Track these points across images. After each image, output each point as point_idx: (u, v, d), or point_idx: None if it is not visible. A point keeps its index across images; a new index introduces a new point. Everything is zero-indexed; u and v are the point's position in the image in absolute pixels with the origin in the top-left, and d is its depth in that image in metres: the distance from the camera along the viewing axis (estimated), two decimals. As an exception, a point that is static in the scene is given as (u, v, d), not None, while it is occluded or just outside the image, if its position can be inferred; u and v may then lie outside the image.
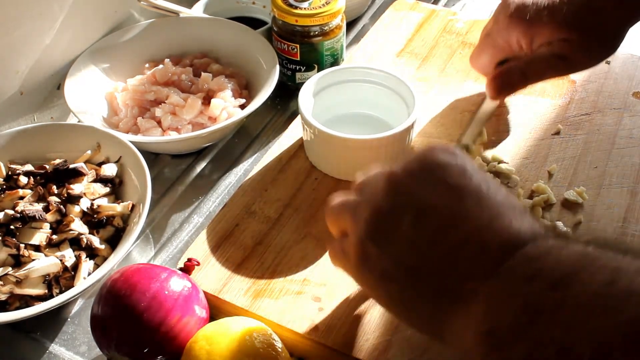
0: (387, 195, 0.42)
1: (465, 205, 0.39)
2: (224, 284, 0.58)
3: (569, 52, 0.62)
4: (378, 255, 0.41)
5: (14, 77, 0.71)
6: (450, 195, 0.40)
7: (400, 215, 0.41)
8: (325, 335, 0.54)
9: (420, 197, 0.40)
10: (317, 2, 0.74)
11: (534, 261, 0.35)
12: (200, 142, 0.73)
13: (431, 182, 0.41)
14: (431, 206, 0.40)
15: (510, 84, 0.66)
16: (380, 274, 0.42)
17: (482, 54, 0.69)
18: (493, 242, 0.38)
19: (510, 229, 0.38)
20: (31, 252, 0.57)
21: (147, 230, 0.67)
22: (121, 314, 0.51)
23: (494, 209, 0.39)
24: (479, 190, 0.40)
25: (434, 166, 0.41)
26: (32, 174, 0.63)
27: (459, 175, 0.40)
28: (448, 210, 0.39)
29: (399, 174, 0.42)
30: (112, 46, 0.78)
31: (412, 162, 0.43)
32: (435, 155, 0.42)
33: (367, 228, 0.42)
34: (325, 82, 0.70)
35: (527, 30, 0.63)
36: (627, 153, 0.68)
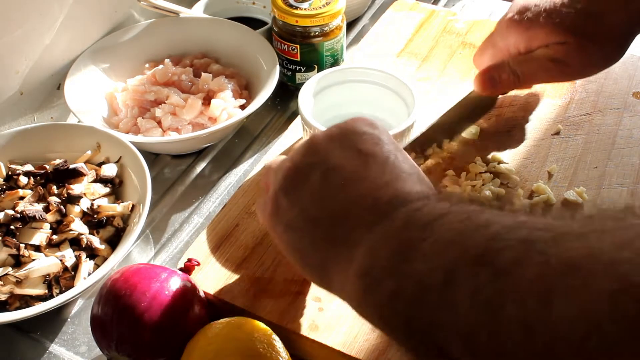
0: (305, 153, 0.46)
1: (369, 167, 0.43)
2: (224, 284, 0.58)
3: (564, 56, 0.61)
4: (287, 206, 0.45)
5: (14, 77, 0.71)
6: (359, 158, 0.43)
7: (311, 171, 0.44)
8: (325, 335, 0.54)
9: (331, 157, 0.44)
10: (317, 2, 0.74)
11: (413, 212, 0.38)
12: (201, 143, 0.73)
13: (345, 145, 0.44)
14: (339, 165, 0.44)
15: (498, 81, 0.66)
16: (287, 223, 0.45)
17: (483, 54, 0.69)
18: (384, 197, 0.41)
19: (403, 189, 0.41)
20: (31, 252, 0.57)
21: (147, 231, 0.67)
22: (121, 314, 0.51)
23: (395, 172, 0.43)
24: (386, 157, 0.43)
25: (351, 132, 0.45)
26: (32, 174, 0.63)
27: (371, 144, 0.44)
28: (353, 169, 0.43)
29: (319, 137, 0.46)
30: (112, 46, 0.78)
31: (334, 128, 0.46)
32: (356, 124, 0.46)
33: (282, 181, 0.46)
34: (325, 83, 0.70)
35: (524, 33, 0.63)
36: (627, 153, 0.68)
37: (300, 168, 0.45)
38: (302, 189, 0.44)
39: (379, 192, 0.42)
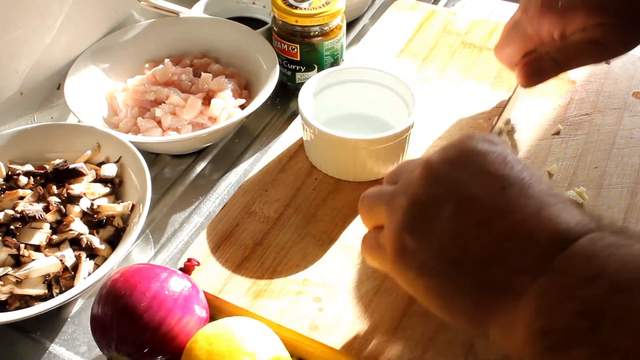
0: (426, 184, 0.40)
1: (508, 195, 0.38)
2: (224, 284, 0.58)
3: (604, 37, 0.60)
4: (417, 247, 0.40)
5: (14, 77, 0.71)
6: (492, 184, 0.38)
7: (440, 205, 0.39)
8: (325, 335, 0.54)
9: (460, 186, 0.39)
10: (317, 2, 0.74)
11: (593, 259, 0.34)
12: (200, 142, 0.73)
13: (471, 170, 0.39)
14: (473, 196, 0.39)
15: (541, 71, 0.64)
16: (420, 267, 0.40)
17: (510, 44, 0.67)
18: (541, 234, 0.36)
19: (558, 220, 0.36)
20: (31, 252, 0.57)
21: (147, 230, 0.67)
22: (121, 314, 0.51)
23: (539, 198, 0.38)
24: (521, 179, 0.38)
25: (474, 154, 0.40)
26: (32, 174, 0.63)
27: (499, 164, 0.39)
28: (491, 200, 0.38)
29: (437, 162, 0.41)
30: (112, 46, 0.78)
31: (450, 150, 0.41)
32: (474, 143, 0.40)
33: (405, 219, 0.40)
34: (325, 82, 0.70)
35: (559, 19, 0.61)
36: (627, 153, 0.68)
37: (424, 202, 0.40)
38: (433, 227, 0.39)
39: (530, 225, 0.37)
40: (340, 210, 0.64)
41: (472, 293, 0.38)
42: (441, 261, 0.39)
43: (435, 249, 0.39)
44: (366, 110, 0.72)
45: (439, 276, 0.39)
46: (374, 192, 0.46)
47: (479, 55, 0.81)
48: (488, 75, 0.78)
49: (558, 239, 0.36)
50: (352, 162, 0.65)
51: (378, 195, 0.45)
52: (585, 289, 0.33)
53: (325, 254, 0.60)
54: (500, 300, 0.37)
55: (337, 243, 0.61)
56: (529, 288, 0.35)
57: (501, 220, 0.38)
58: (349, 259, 0.60)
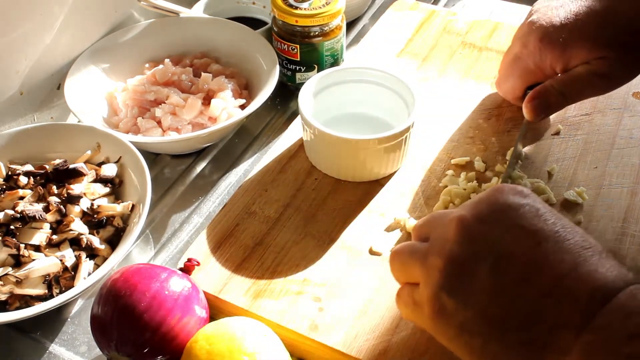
0: (461, 243, 0.40)
1: (544, 250, 0.38)
2: (224, 284, 0.58)
3: (607, 70, 0.61)
4: (456, 307, 0.40)
5: (14, 77, 0.71)
6: (527, 239, 0.39)
7: (476, 263, 0.39)
8: (325, 335, 0.54)
9: (495, 244, 0.39)
10: (317, 2, 0.74)
11: (634, 317, 0.34)
12: (200, 142, 0.73)
13: (505, 226, 0.40)
14: (509, 253, 0.39)
15: (548, 105, 0.64)
16: (460, 326, 0.40)
17: (511, 78, 0.67)
18: (581, 291, 0.37)
19: (597, 275, 0.37)
20: (31, 252, 0.57)
21: (147, 230, 0.67)
22: (121, 314, 0.51)
23: (575, 252, 0.38)
24: (555, 232, 0.39)
25: (506, 208, 0.40)
26: (32, 174, 0.63)
27: (532, 217, 0.39)
28: (527, 257, 0.38)
29: (469, 219, 0.41)
30: (112, 46, 0.78)
31: (481, 205, 0.41)
32: (505, 196, 0.41)
33: (442, 279, 0.40)
34: (325, 83, 0.70)
35: (562, 53, 0.62)
36: (627, 153, 0.68)
37: (461, 261, 0.40)
38: (471, 286, 0.39)
39: (568, 282, 0.37)
40: (340, 210, 0.64)
41: (515, 353, 0.38)
42: (481, 321, 0.39)
43: (474, 308, 0.39)
44: (366, 110, 0.72)
45: (481, 336, 0.39)
46: (405, 250, 0.45)
47: (479, 55, 0.81)
48: (488, 75, 0.78)
49: (598, 295, 0.36)
50: (352, 162, 0.65)
51: (410, 253, 0.45)
52: (627, 347, 0.33)
53: (325, 254, 0.60)
54: (545, 358, 0.37)
55: (337, 243, 0.61)
56: (573, 345, 0.36)
57: (539, 277, 0.38)
58: (349, 259, 0.60)
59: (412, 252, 0.44)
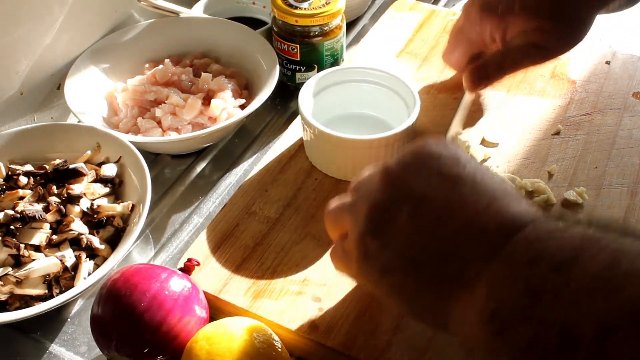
0: (383, 189, 0.42)
1: (460, 193, 0.40)
2: (224, 284, 0.58)
3: (543, 40, 0.63)
4: (378, 249, 0.42)
5: (14, 77, 0.71)
6: (445, 184, 0.41)
7: (397, 207, 0.41)
8: (325, 335, 0.54)
9: (415, 189, 0.41)
10: (317, 2, 0.74)
11: (535, 243, 0.36)
12: (200, 142, 0.73)
13: (426, 173, 0.42)
14: (427, 196, 0.41)
15: (487, 76, 0.67)
16: (382, 268, 0.42)
17: (455, 49, 0.70)
18: (491, 226, 0.38)
19: (508, 212, 0.39)
20: (31, 252, 0.57)
21: (147, 231, 0.67)
22: (121, 314, 0.51)
23: (490, 194, 0.40)
24: (473, 177, 0.41)
25: (427, 157, 0.42)
26: (32, 174, 0.63)
27: (452, 165, 0.41)
28: (444, 199, 0.40)
29: (393, 168, 0.43)
30: (112, 46, 0.78)
31: (405, 155, 0.43)
32: (428, 147, 0.43)
33: (366, 224, 0.42)
34: (325, 82, 0.70)
35: (499, 23, 0.64)
36: (627, 153, 0.68)
37: (383, 206, 0.42)
38: (392, 229, 0.41)
39: (481, 219, 0.39)
40: (340, 210, 0.64)
41: (429, 288, 0.40)
42: (400, 260, 0.41)
43: (394, 249, 0.41)
44: (366, 110, 0.72)
45: (399, 275, 0.41)
46: (337, 204, 0.48)
47: (479, 55, 0.81)
48: (488, 75, 0.78)
49: (506, 229, 0.38)
50: (352, 162, 0.65)
51: (341, 206, 0.47)
52: (527, 270, 0.35)
53: (325, 254, 0.60)
54: (456, 293, 0.39)
55: (337, 243, 0.61)
56: (481, 276, 0.37)
57: (453, 216, 0.40)
58: (349, 259, 0.60)
59: (342, 205, 0.47)
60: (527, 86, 0.76)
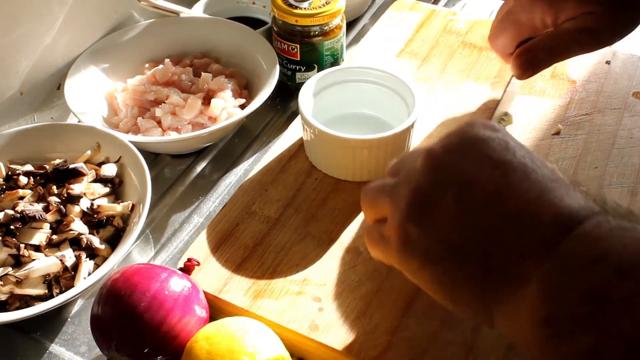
0: (427, 172, 0.40)
1: (510, 180, 0.37)
2: (224, 284, 0.58)
3: (595, 25, 0.60)
4: (420, 235, 0.39)
5: (14, 77, 0.71)
6: (495, 169, 0.38)
7: (441, 191, 0.39)
8: (325, 335, 0.54)
9: (462, 172, 0.39)
10: (317, 2, 0.74)
11: (596, 242, 0.33)
12: (200, 142, 0.73)
13: (473, 156, 0.39)
14: (475, 180, 0.38)
15: (536, 61, 0.63)
16: (424, 255, 0.39)
17: (504, 33, 0.66)
18: (545, 218, 0.36)
19: (562, 204, 0.36)
20: (31, 252, 0.57)
21: (147, 230, 0.67)
22: (121, 314, 0.51)
23: (542, 182, 0.37)
24: (523, 164, 0.38)
25: (475, 140, 0.39)
26: (32, 174, 0.63)
27: (502, 150, 0.39)
28: (492, 185, 0.37)
29: (438, 150, 0.40)
30: (112, 46, 0.78)
31: (451, 138, 0.41)
32: (476, 130, 0.40)
33: (408, 208, 0.40)
34: (325, 82, 0.70)
35: (551, 7, 0.61)
36: (627, 153, 0.68)
37: (426, 190, 0.39)
38: (435, 215, 0.39)
39: (533, 209, 0.36)
40: (340, 210, 0.64)
41: (475, 280, 0.38)
42: (443, 248, 0.38)
43: (437, 236, 0.39)
44: (366, 110, 0.72)
45: (442, 263, 0.39)
46: (376, 185, 0.45)
47: (479, 55, 0.81)
48: (488, 75, 0.78)
49: (562, 223, 0.35)
50: (352, 162, 0.65)
51: (380, 188, 0.44)
52: (589, 272, 0.32)
53: (325, 254, 0.60)
54: (504, 287, 0.36)
55: (337, 243, 0.61)
56: (533, 274, 0.35)
57: (503, 204, 0.37)
58: (349, 259, 0.60)
59: (382, 187, 0.44)
60: (527, 86, 0.76)
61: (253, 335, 0.50)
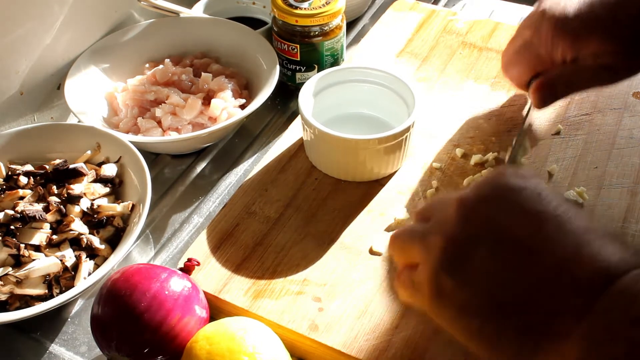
0: (461, 222, 0.40)
1: (546, 233, 0.38)
2: (224, 284, 0.58)
3: (615, 63, 0.61)
4: (455, 287, 0.39)
5: (14, 77, 0.71)
6: (529, 221, 0.38)
7: (475, 244, 0.39)
8: (325, 335, 0.54)
9: (495, 224, 0.39)
10: (317, 2, 0.74)
11: (636, 299, 0.33)
12: (201, 142, 0.73)
13: (506, 207, 0.39)
14: (508, 234, 0.38)
15: (556, 94, 0.64)
16: (459, 308, 0.40)
17: (520, 64, 0.66)
18: (582, 274, 0.36)
19: (599, 258, 0.36)
20: (31, 252, 0.57)
21: (147, 230, 0.67)
22: (121, 314, 0.51)
23: (578, 236, 0.37)
24: (558, 215, 0.38)
25: (508, 190, 0.40)
26: (32, 174, 0.63)
27: (535, 200, 0.39)
28: (527, 240, 0.38)
29: (471, 199, 0.40)
30: (112, 46, 0.78)
31: (483, 186, 0.41)
32: (507, 179, 0.40)
33: (441, 258, 0.40)
34: (325, 82, 0.70)
35: (574, 43, 0.61)
36: (627, 153, 0.68)
37: (460, 241, 0.40)
38: (470, 267, 0.39)
39: (570, 265, 0.36)
40: (340, 210, 0.64)
41: (512, 335, 0.37)
42: (479, 302, 0.38)
43: (473, 289, 0.39)
44: (366, 110, 0.72)
45: (478, 318, 0.39)
46: (406, 231, 0.45)
47: (479, 55, 0.81)
48: (488, 76, 0.78)
49: (600, 279, 0.35)
50: (352, 162, 0.65)
51: (411, 234, 0.44)
52: (629, 331, 0.32)
53: (325, 254, 0.60)
54: (544, 344, 0.36)
55: (337, 243, 0.61)
56: (573, 331, 0.35)
57: (540, 260, 0.37)
58: (349, 259, 0.60)
59: (413, 233, 0.44)
60: (527, 86, 0.76)
61: (253, 335, 0.50)
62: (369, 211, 0.64)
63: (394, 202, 0.64)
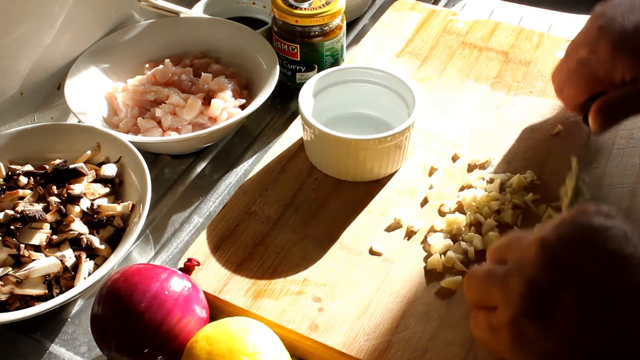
0: (543, 266, 0.38)
1: (635, 279, 0.36)
2: (224, 284, 0.58)
3: None
4: (538, 334, 0.38)
5: (14, 77, 0.71)
6: (616, 266, 0.37)
7: (559, 289, 0.37)
8: (325, 336, 0.54)
9: (582, 269, 0.37)
10: (317, 2, 0.74)
11: None
12: (201, 142, 0.73)
13: (590, 250, 0.38)
14: (595, 281, 0.37)
15: (617, 118, 0.60)
16: (542, 355, 0.38)
17: (575, 85, 0.62)
18: None
19: None
20: (31, 252, 0.57)
21: (147, 231, 0.67)
22: (121, 314, 0.51)
23: None
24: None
25: (592, 231, 0.38)
26: (32, 174, 0.63)
27: (620, 242, 0.37)
28: (617, 286, 0.36)
29: (552, 241, 0.39)
30: (112, 46, 0.78)
31: (564, 227, 0.39)
32: (591, 218, 0.39)
33: (523, 303, 0.38)
34: (325, 82, 0.70)
35: (634, 63, 0.57)
36: (627, 153, 0.68)
37: (543, 286, 0.38)
38: (554, 313, 0.37)
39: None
40: (341, 211, 0.64)
41: None
42: (565, 350, 0.37)
43: (558, 337, 0.37)
44: (366, 110, 0.72)
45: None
46: (482, 271, 0.44)
47: (479, 55, 0.81)
48: (488, 75, 0.78)
49: None
50: (352, 162, 0.65)
51: (488, 275, 0.43)
52: None
53: (325, 254, 0.60)
54: None
55: (337, 243, 0.61)
56: None
57: (630, 308, 0.36)
58: (349, 259, 0.60)
59: (489, 274, 0.42)
60: (527, 86, 0.76)
61: (253, 336, 0.50)
62: (369, 211, 0.64)
63: (394, 202, 0.64)
